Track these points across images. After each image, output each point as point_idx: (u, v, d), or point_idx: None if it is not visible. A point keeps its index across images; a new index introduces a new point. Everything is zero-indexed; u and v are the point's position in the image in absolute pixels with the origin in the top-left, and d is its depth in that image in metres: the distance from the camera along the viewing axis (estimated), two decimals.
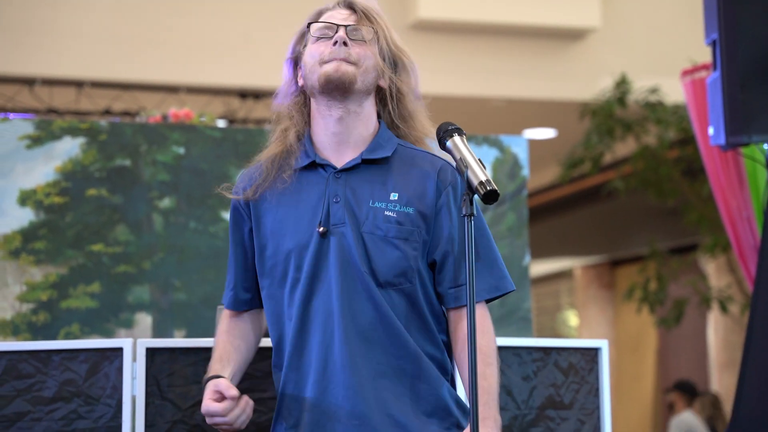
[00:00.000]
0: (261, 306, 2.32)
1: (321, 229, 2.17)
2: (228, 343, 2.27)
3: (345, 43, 2.20)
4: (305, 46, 2.28)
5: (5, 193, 4.26)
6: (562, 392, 2.83)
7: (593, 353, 2.89)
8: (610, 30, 7.95)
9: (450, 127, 2.14)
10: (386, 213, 2.18)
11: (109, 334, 4.25)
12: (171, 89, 7.33)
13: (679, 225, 8.43)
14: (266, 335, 2.44)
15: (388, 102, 2.29)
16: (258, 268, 2.27)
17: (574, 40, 7.90)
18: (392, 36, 2.29)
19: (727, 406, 9.29)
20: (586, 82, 7.90)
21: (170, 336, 4.32)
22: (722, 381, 9.99)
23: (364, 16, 2.25)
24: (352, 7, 2.27)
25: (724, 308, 8.00)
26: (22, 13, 6.94)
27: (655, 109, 7.62)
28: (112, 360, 2.51)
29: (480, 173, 2.05)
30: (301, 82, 2.29)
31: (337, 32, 2.22)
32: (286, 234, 2.21)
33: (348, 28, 2.23)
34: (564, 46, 7.90)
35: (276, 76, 2.30)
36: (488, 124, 8.63)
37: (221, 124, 6.44)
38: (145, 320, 4.32)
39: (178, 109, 5.03)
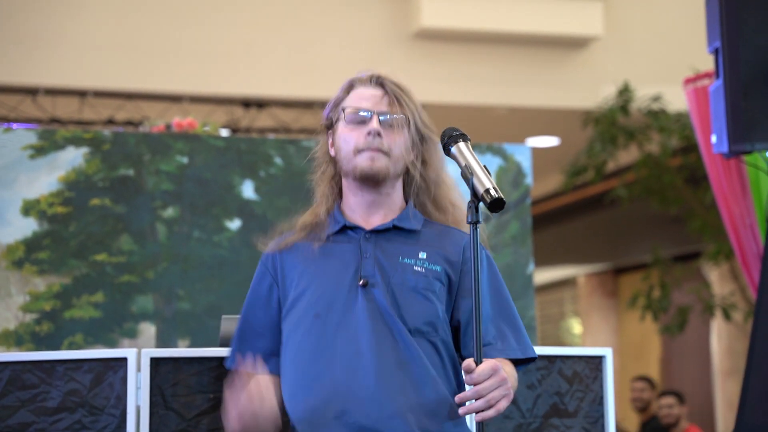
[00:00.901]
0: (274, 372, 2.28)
1: (363, 281, 2.19)
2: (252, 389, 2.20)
3: (378, 134, 2.23)
4: (337, 120, 2.32)
5: (9, 203, 4.26)
6: (567, 400, 2.82)
7: (597, 361, 2.89)
8: (613, 38, 7.95)
9: (455, 133, 2.16)
10: (415, 268, 2.22)
11: (112, 344, 4.25)
12: (174, 98, 7.34)
13: (682, 233, 8.42)
14: None
15: (414, 187, 2.35)
16: (282, 322, 2.29)
17: (576, 48, 7.91)
18: (420, 115, 2.32)
19: (731, 414, 9.27)
20: (589, 90, 7.91)
21: (174, 345, 4.32)
22: (726, 388, 9.97)
23: (395, 99, 2.27)
24: (383, 86, 2.30)
25: (727, 316, 7.99)
26: (25, 23, 6.95)
27: (657, 117, 7.62)
28: (117, 370, 2.51)
29: (486, 181, 2.05)
30: (332, 152, 2.34)
31: (371, 119, 2.25)
32: (309, 287, 2.24)
33: (381, 117, 2.25)
34: (567, 54, 7.91)
35: (278, 86, 2.32)
36: (491, 132, 8.63)
37: (224, 133, 6.44)
38: (149, 330, 4.33)
39: (181, 119, 5.03)
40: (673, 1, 8.03)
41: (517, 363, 2.26)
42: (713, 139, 3.85)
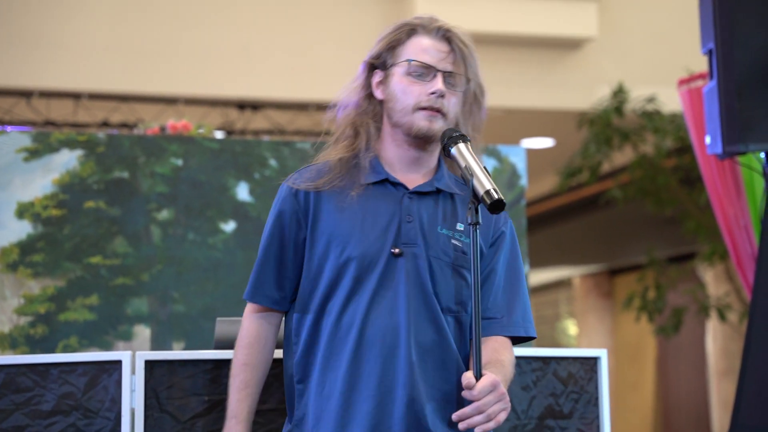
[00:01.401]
0: (287, 309, 2.26)
1: (396, 250, 2.15)
2: (252, 357, 2.23)
3: (442, 95, 2.19)
4: (393, 65, 2.24)
5: (3, 206, 4.26)
6: (562, 402, 2.82)
7: (592, 362, 2.89)
8: (608, 39, 7.96)
9: (455, 134, 2.14)
10: (453, 241, 2.19)
11: (107, 347, 4.25)
12: (169, 101, 7.34)
13: (677, 233, 8.44)
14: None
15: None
16: (305, 269, 2.23)
17: (571, 49, 7.92)
18: (478, 76, 2.27)
19: (726, 415, 9.28)
20: (584, 91, 7.92)
21: (169, 348, 4.31)
22: (721, 389, 9.98)
23: (461, 58, 2.22)
24: (449, 42, 2.24)
25: (722, 316, 8.00)
26: (19, 25, 6.95)
27: (652, 118, 7.63)
28: (111, 373, 2.50)
29: (486, 182, 2.04)
30: (379, 94, 2.26)
31: (435, 77, 2.20)
32: (348, 242, 2.17)
33: (446, 76, 2.20)
34: (561, 55, 7.92)
35: (273, 88, 2.30)
36: (486, 134, 8.56)
37: (219, 135, 6.44)
38: (143, 332, 4.32)
39: (176, 121, 5.03)
40: (668, 3, 8.05)
41: (516, 340, 2.27)
42: (707, 140, 3.86)
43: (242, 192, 4.53)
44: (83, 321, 4.25)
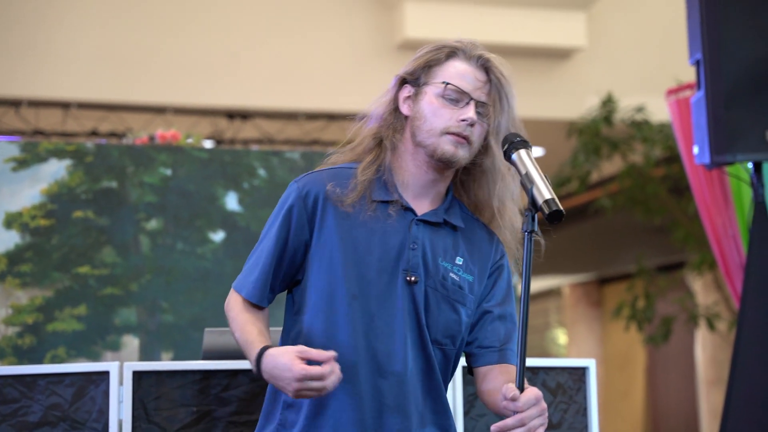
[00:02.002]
0: (267, 306, 2.23)
1: (413, 278, 2.14)
2: (260, 322, 2.17)
3: (472, 124, 2.16)
4: (426, 83, 2.21)
5: None
6: (551, 412, 2.82)
7: (581, 372, 2.89)
8: (596, 49, 7.99)
9: (516, 140, 2.09)
10: (451, 275, 2.18)
11: (95, 357, 4.23)
12: (158, 110, 7.33)
13: (666, 242, 8.46)
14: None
15: (466, 177, 2.29)
16: (302, 274, 2.19)
17: (560, 59, 7.94)
18: (509, 115, 2.22)
19: (715, 424, 9.29)
20: (573, 101, 7.94)
21: (158, 358, 4.30)
22: (710, 398, 9.99)
23: (496, 91, 2.19)
24: (488, 72, 2.21)
25: (711, 325, 8.01)
26: (8, 35, 6.94)
27: (641, 128, 7.66)
28: (99, 384, 2.49)
29: (545, 191, 2.01)
30: (405, 110, 2.23)
31: (468, 104, 2.16)
32: (350, 258, 2.14)
33: (479, 106, 2.17)
34: (550, 65, 7.94)
35: (263, 97, 2.29)
36: None
37: (208, 144, 6.44)
38: (132, 342, 4.31)
39: (165, 131, 5.03)
40: (656, 13, 8.08)
41: None
42: (695, 150, 3.87)
43: (231, 202, 4.52)
44: (71, 331, 4.23)
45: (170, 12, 7.33)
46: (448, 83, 2.17)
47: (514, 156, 2.08)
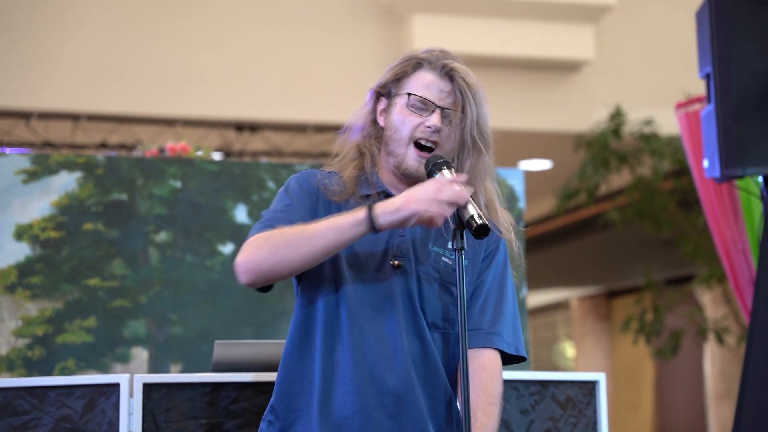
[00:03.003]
0: None
1: (396, 262, 2.19)
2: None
3: (437, 130, 2.23)
4: (396, 95, 2.29)
5: (1, 228, 4.26)
6: (561, 426, 2.82)
7: (591, 386, 2.89)
8: (605, 62, 7.99)
9: (439, 161, 2.17)
10: (443, 258, 2.23)
11: (105, 369, 4.23)
12: (167, 122, 7.35)
13: (675, 256, 8.44)
14: (256, 370, 2.42)
15: None
16: None
17: (568, 72, 7.94)
18: (477, 120, 2.27)
19: None
20: (581, 113, 7.94)
21: (167, 370, 4.30)
22: (719, 412, 9.96)
23: (461, 98, 2.25)
24: (452, 80, 2.26)
25: (720, 339, 7.99)
26: (18, 47, 6.96)
27: (649, 141, 7.65)
28: (109, 396, 2.49)
29: (470, 207, 2.08)
30: (381, 121, 2.31)
31: (433, 112, 2.23)
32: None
33: (443, 112, 2.24)
34: (559, 78, 7.94)
35: (271, 109, 2.31)
36: None
37: (217, 157, 6.45)
38: (141, 354, 4.31)
39: (174, 143, 5.04)
40: (665, 26, 8.08)
41: (506, 359, 2.30)
42: (705, 163, 3.87)
43: (240, 214, 4.53)
44: (81, 343, 4.24)
45: (180, 25, 7.36)
46: (411, 93, 2.26)
47: (437, 175, 2.15)
